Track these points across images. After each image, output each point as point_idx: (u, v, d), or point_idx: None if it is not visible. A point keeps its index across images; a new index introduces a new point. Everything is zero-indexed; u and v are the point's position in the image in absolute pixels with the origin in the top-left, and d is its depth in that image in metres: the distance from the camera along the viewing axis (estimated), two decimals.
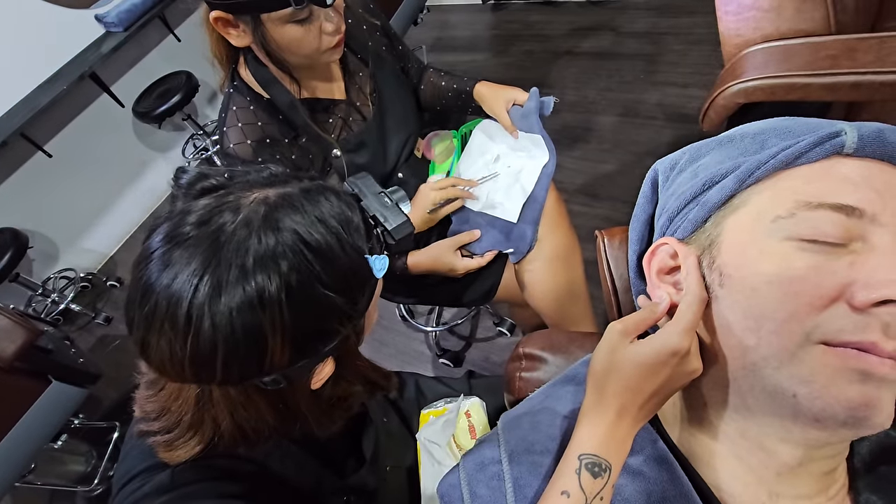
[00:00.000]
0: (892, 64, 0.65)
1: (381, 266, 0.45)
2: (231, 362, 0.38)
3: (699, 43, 2.04)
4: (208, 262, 0.36)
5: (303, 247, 0.39)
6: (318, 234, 0.40)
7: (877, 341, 0.29)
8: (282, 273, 0.37)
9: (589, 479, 0.37)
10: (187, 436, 0.44)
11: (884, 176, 0.33)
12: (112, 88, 2.20)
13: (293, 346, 0.39)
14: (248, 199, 0.41)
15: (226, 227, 0.38)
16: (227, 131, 0.80)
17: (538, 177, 0.84)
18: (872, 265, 0.30)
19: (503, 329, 1.51)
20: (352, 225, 0.43)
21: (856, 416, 0.30)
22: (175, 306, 0.36)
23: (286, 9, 0.68)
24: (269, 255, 0.37)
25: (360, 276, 0.43)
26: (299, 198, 0.42)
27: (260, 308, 0.37)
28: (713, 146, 0.42)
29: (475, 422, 0.64)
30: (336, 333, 0.42)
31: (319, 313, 0.40)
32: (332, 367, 0.44)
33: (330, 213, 0.42)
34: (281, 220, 0.39)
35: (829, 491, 0.36)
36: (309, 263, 0.39)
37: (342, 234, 0.42)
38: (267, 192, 0.42)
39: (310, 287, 0.39)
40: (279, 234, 0.38)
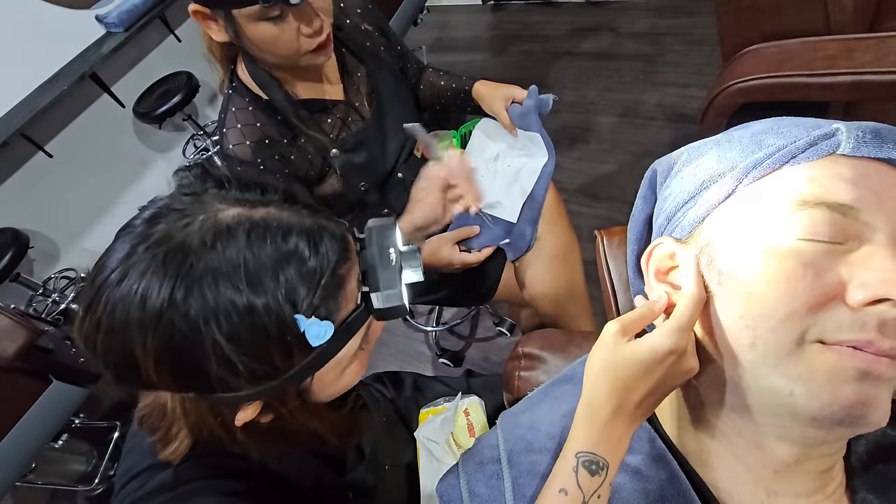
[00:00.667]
0: (890, 64, 0.65)
1: (318, 334, 0.39)
2: (111, 368, 0.38)
3: (699, 43, 2.04)
4: (125, 256, 0.36)
5: (209, 286, 0.36)
6: (239, 281, 0.36)
7: (873, 340, 0.29)
8: (174, 295, 0.35)
9: (586, 476, 0.37)
10: (170, 434, 0.44)
11: (880, 175, 0.33)
12: (112, 89, 2.20)
13: (171, 374, 0.37)
14: (202, 216, 0.38)
15: (153, 230, 0.37)
16: (227, 132, 0.80)
17: (538, 176, 0.85)
18: (869, 264, 0.30)
19: (503, 329, 1.51)
20: (300, 278, 0.38)
21: (853, 415, 0.30)
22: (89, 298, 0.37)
23: (254, 6, 0.67)
24: (169, 269, 0.35)
25: (278, 339, 0.38)
26: (251, 225, 0.38)
27: (134, 317, 0.36)
28: (711, 146, 0.42)
29: (474, 420, 0.64)
30: (239, 387, 0.39)
31: (201, 358, 0.37)
32: (256, 410, 0.41)
33: (277, 252, 0.38)
34: (213, 244, 0.36)
35: (826, 489, 0.36)
36: (204, 303, 0.35)
37: (274, 286, 0.37)
38: (234, 211, 0.39)
39: (192, 328, 0.36)
40: (203, 256, 0.36)
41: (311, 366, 0.40)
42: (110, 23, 2.06)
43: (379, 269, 0.44)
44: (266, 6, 0.66)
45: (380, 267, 0.44)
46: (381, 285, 0.43)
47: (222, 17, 0.70)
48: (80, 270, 2.22)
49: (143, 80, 2.24)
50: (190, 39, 2.42)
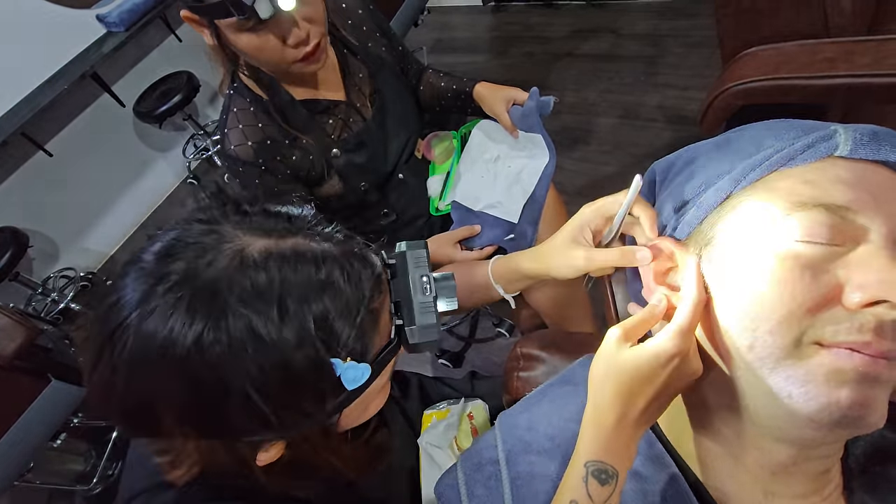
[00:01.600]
0: (888, 66, 0.65)
1: (354, 377, 0.36)
2: (126, 416, 0.35)
3: (699, 45, 2.04)
4: (143, 297, 0.33)
5: (240, 330, 0.33)
6: (272, 324, 0.33)
7: (871, 341, 0.29)
8: (202, 339, 0.32)
9: (596, 486, 0.36)
10: (179, 460, 0.41)
11: (877, 177, 0.33)
12: (113, 88, 2.20)
13: (193, 424, 0.35)
14: (228, 247, 0.35)
15: (171, 269, 0.34)
16: (229, 133, 0.80)
17: (539, 177, 0.85)
18: (866, 266, 0.30)
19: (502, 330, 1.51)
20: (334, 327, 0.35)
21: (850, 416, 0.30)
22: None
23: (231, 18, 0.67)
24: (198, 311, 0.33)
25: (314, 387, 0.36)
26: (281, 259, 0.35)
27: (159, 363, 0.33)
28: (709, 148, 0.42)
29: (478, 424, 0.64)
30: (254, 432, 0.36)
31: (228, 409, 0.34)
32: (280, 451, 0.39)
33: (310, 290, 0.35)
34: (244, 283, 0.34)
35: (823, 491, 0.36)
36: (235, 349, 0.33)
37: (304, 326, 0.34)
38: (261, 244, 0.36)
39: (222, 377, 0.33)
40: (226, 317, 0.33)
41: (339, 406, 0.38)
42: (111, 22, 2.07)
43: (414, 300, 0.41)
44: (242, 18, 0.67)
45: (414, 298, 0.41)
46: (416, 319, 0.41)
47: (207, 25, 0.71)
48: (80, 270, 2.22)
49: (143, 79, 2.25)
50: (190, 39, 2.43)
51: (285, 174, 0.83)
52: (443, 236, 0.89)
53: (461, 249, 0.88)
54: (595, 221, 0.49)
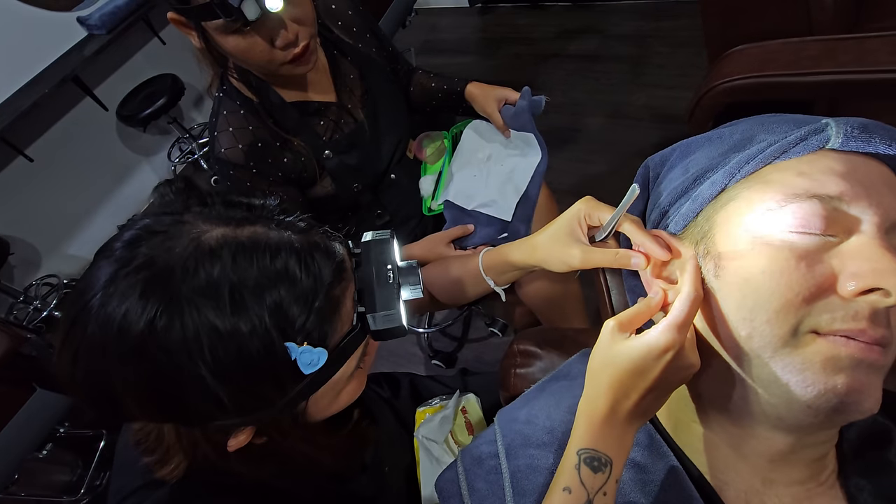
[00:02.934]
0: (870, 63, 0.67)
1: (311, 361, 0.37)
2: (90, 401, 0.36)
3: (683, 45, 2.07)
4: (106, 282, 0.34)
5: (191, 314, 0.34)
6: (225, 314, 0.34)
7: (865, 328, 0.30)
8: (154, 323, 0.33)
9: (589, 473, 0.36)
10: (167, 457, 0.42)
11: (868, 169, 0.34)
12: (95, 92, 2.16)
13: (152, 408, 0.36)
14: (185, 238, 0.36)
15: (135, 254, 0.35)
16: (218, 136, 0.79)
17: (531, 175, 0.85)
18: (859, 255, 0.31)
19: (495, 329, 1.51)
20: (290, 312, 0.36)
21: (846, 402, 0.30)
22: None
23: (218, 20, 0.66)
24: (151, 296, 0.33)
25: (268, 370, 0.36)
26: (237, 247, 0.36)
27: (113, 348, 0.34)
28: (703, 142, 0.43)
29: (472, 418, 0.64)
30: (225, 419, 0.37)
31: (183, 392, 0.35)
32: (249, 435, 0.40)
33: (264, 279, 0.35)
34: (196, 268, 0.34)
35: (819, 476, 0.36)
36: (186, 332, 0.33)
37: (255, 309, 0.35)
38: (218, 231, 0.37)
39: (174, 360, 0.34)
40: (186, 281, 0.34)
41: (303, 393, 0.39)
42: (92, 25, 2.03)
43: (376, 288, 0.42)
44: (229, 20, 0.66)
45: (377, 286, 0.42)
46: (377, 306, 0.41)
47: (194, 28, 0.70)
48: (63, 277, 2.17)
49: (126, 82, 2.21)
50: (174, 42, 2.39)
51: (277, 177, 0.82)
52: (436, 236, 0.89)
53: (454, 249, 0.88)
54: (592, 216, 0.49)
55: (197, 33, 0.71)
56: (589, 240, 0.50)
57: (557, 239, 0.51)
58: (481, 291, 0.65)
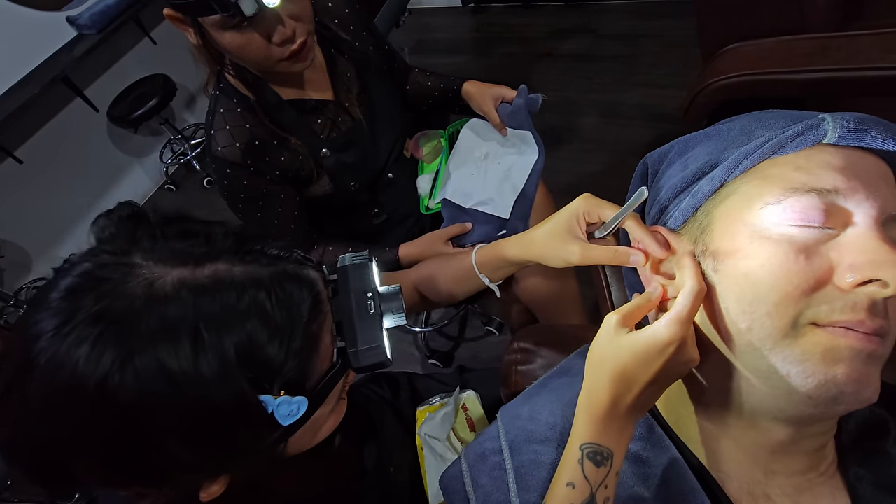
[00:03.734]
0: (862, 61, 0.68)
1: (290, 412, 0.34)
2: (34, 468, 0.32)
3: (675, 45, 2.09)
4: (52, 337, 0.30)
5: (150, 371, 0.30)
6: (184, 359, 0.30)
7: (864, 319, 0.31)
8: (108, 382, 0.29)
9: (592, 468, 0.37)
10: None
11: (864, 163, 0.34)
12: (85, 92, 2.14)
13: (112, 473, 0.32)
14: (137, 280, 0.32)
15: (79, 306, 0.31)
16: (215, 134, 0.79)
17: (529, 173, 0.86)
18: (857, 247, 0.32)
19: (491, 328, 1.52)
20: (264, 338, 0.33)
21: (846, 392, 0.31)
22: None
23: (215, 15, 0.66)
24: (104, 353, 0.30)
25: (242, 424, 0.33)
26: (197, 289, 0.32)
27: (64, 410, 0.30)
28: (701, 139, 0.43)
29: (472, 414, 0.64)
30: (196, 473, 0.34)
31: (147, 454, 0.31)
32: (224, 485, 0.36)
33: (230, 318, 0.32)
34: (152, 321, 0.30)
35: (820, 467, 0.37)
36: (145, 391, 0.30)
37: (228, 357, 0.31)
38: (174, 275, 0.32)
39: (132, 421, 0.30)
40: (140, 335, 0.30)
41: (281, 439, 0.36)
42: (82, 24, 2.01)
43: (356, 320, 0.38)
44: (226, 16, 0.65)
45: (357, 317, 0.38)
46: (359, 340, 0.38)
47: (190, 24, 0.70)
48: None
49: (117, 83, 2.19)
50: (166, 42, 2.38)
51: (274, 175, 0.82)
52: (434, 234, 0.90)
53: (452, 247, 0.89)
54: (591, 213, 0.49)
55: (193, 29, 0.70)
56: (587, 236, 0.50)
57: (555, 235, 0.50)
58: (475, 288, 0.64)
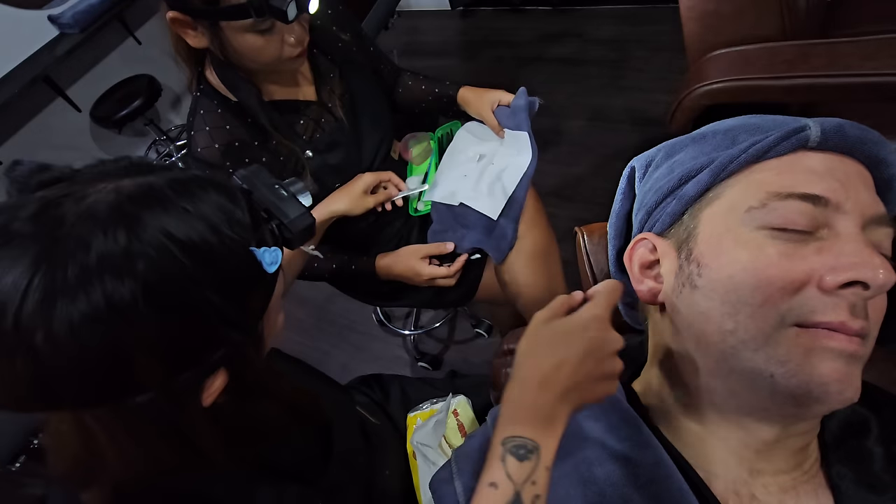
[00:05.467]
0: (842, 67, 0.70)
1: (273, 260, 0.40)
2: (81, 381, 0.32)
3: (661, 50, 2.12)
4: (40, 263, 0.30)
5: (168, 242, 0.33)
6: (189, 229, 0.34)
7: (845, 321, 0.31)
8: (138, 274, 0.31)
9: (515, 464, 0.34)
10: (87, 478, 0.38)
11: (845, 167, 0.35)
12: (67, 92, 2.10)
13: (164, 357, 0.34)
14: (97, 189, 0.34)
15: (65, 221, 0.32)
16: (195, 135, 0.78)
17: (521, 176, 0.86)
18: (838, 250, 0.32)
19: (481, 330, 1.52)
20: (234, 217, 0.38)
21: (828, 391, 0.32)
22: None
23: (247, 19, 0.66)
24: (120, 255, 0.31)
25: (246, 273, 0.38)
26: (164, 188, 0.35)
27: (111, 317, 0.31)
28: (687, 143, 0.44)
29: (463, 419, 0.64)
30: (221, 340, 0.36)
31: (195, 319, 0.34)
32: (225, 379, 0.38)
33: (204, 205, 0.36)
34: (139, 213, 0.33)
35: (804, 465, 0.38)
36: (176, 261, 0.33)
37: (221, 227, 0.36)
38: (122, 183, 0.35)
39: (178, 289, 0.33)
40: (137, 229, 0.32)
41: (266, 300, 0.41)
42: (65, 24, 1.97)
43: (278, 202, 0.45)
44: (259, 20, 0.67)
45: (278, 200, 0.45)
46: (289, 213, 0.45)
47: (206, 27, 0.69)
48: None
49: (100, 83, 2.15)
50: (150, 42, 2.34)
51: None
52: (411, 249, 0.89)
53: (428, 264, 0.88)
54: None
55: (208, 32, 0.70)
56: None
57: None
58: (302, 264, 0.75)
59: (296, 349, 1.65)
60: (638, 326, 0.52)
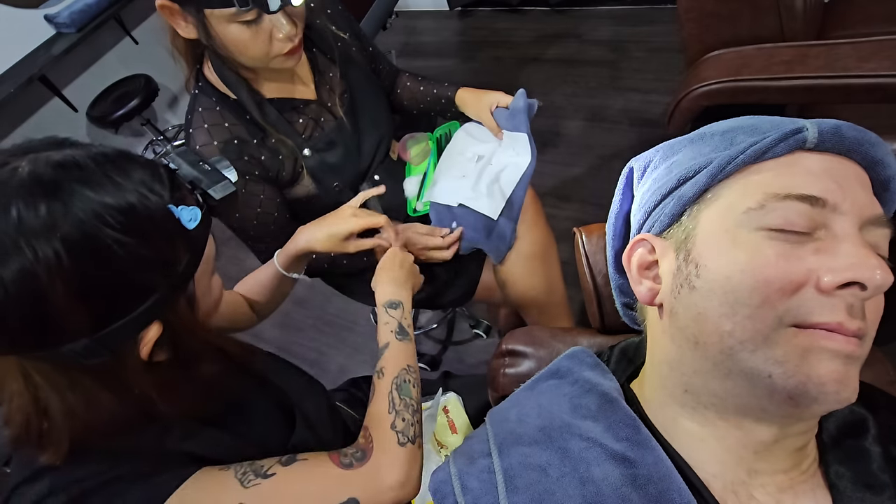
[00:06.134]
0: (839, 69, 0.71)
1: (191, 217, 0.43)
2: (16, 329, 0.36)
3: (659, 51, 2.13)
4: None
5: (89, 203, 0.37)
6: (109, 192, 0.38)
7: (843, 321, 0.31)
8: (59, 233, 0.35)
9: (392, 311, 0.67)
10: (41, 437, 0.41)
11: (842, 168, 0.35)
12: (64, 92, 2.10)
13: (91, 306, 0.37)
14: (18, 159, 0.37)
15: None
16: (194, 133, 0.78)
17: (520, 177, 0.86)
18: (836, 251, 0.32)
19: (479, 331, 1.52)
20: (153, 183, 0.41)
21: (826, 392, 0.32)
22: None
23: (229, 8, 0.66)
24: (41, 216, 0.35)
25: (164, 227, 0.41)
26: (86, 159, 0.39)
27: (34, 270, 0.35)
28: (685, 144, 0.44)
29: (454, 417, 0.64)
30: (148, 290, 0.40)
31: (118, 269, 0.38)
32: (159, 330, 0.42)
33: (124, 173, 0.40)
34: (59, 179, 0.37)
35: (802, 465, 0.38)
36: (96, 215, 0.37)
37: (139, 188, 0.40)
38: (42, 154, 0.38)
39: (96, 235, 0.37)
40: (57, 193, 0.36)
41: (193, 256, 0.44)
42: (61, 23, 1.97)
43: (202, 175, 0.49)
44: (243, 10, 0.66)
45: (202, 173, 0.49)
46: (212, 182, 0.49)
47: (193, 15, 0.69)
48: None
49: (97, 83, 2.15)
50: (148, 41, 2.34)
51: (254, 175, 0.81)
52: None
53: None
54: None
55: (195, 21, 0.69)
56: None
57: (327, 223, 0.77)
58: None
59: (294, 349, 1.65)
60: (636, 327, 0.52)
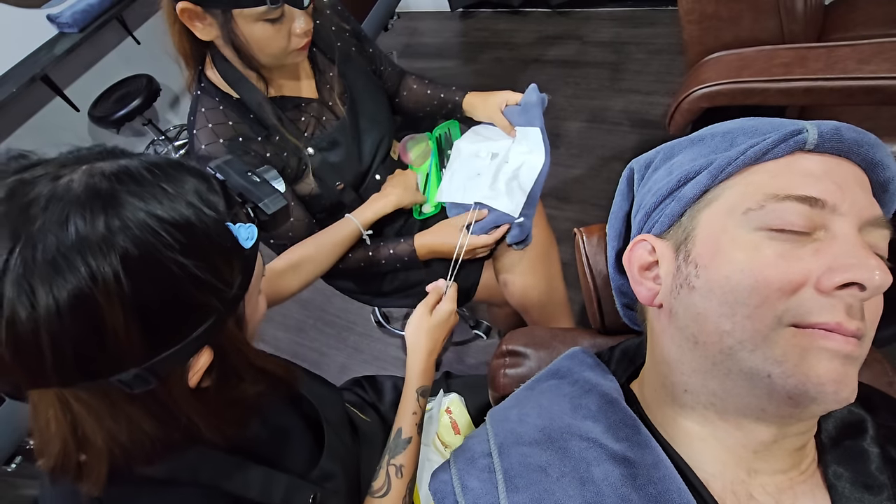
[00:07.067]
0: (839, 71, 0.71)
1: (249, 235, 0.41)
2: (65, 359, 0.32)
3: (660, 52, 2.13)
4: (15, 241, 0.30)
5: (146, 217, 0.34)
6: (167, 206, 0.35)
7: (841, 321, 0.32)
8: (118, 251, 0.32)
9: (422, 400, 0.65)
10: (79, 467, 0.38)
11: (841, 170, 0.35)
12: (66, 92, 2.10)
13: (146, 333, 0.34)
14: (72, 170, 0.35)
15: (38, 200, 0.32)
16: (198, 133, 0.78)
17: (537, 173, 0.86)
18: (835, 251, 0.33)
19: (479, 332, 1.52)
20: (209, 197, 0.39)
21: (825, 392, 0.32)
22: None
23: (260, 7, 0.67)
24: (98, 232, 0.32)
25: (222, 246, 0.39)
26: (140, 169, 0.36)
27: (92, 294, 0.31)
28: (685, 145, 0.44)
29: (456, 417, 0.64)
30: (203, 313, 0.37)
31: (175, 291, 0.35)
32: (210, 356, 0.39)
33: (180, 185, 0.38)
34: (115, 192, 0.34)
35: (801, 465, 0.38)
36: (156, 236, 0.34)
37: (197, 204, 0.37)
38: (96, 165, 0.36)
39: (158, 263, 0.34)
40: (115, 207, 0.33)
41: (246, 276, 0.42)
42: (63, 23, 1.97)
43: (252, 187, 0.47)
44: (273, 7, 0.67)
45: (251, 185, 0.47)
46: (262, 195, 0.47)
47: (216, 16, 0.69)
48: None
49: (99, 82, 2.15)
50: (150, 42, 2.34)
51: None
52: (448, 222, 0.89)
53: (468, 234, 0.86)
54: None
55: (219, 21, 0.70)
56: None
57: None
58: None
59: (294, 349, 1.65)
60: (636, 328, 0.52)
